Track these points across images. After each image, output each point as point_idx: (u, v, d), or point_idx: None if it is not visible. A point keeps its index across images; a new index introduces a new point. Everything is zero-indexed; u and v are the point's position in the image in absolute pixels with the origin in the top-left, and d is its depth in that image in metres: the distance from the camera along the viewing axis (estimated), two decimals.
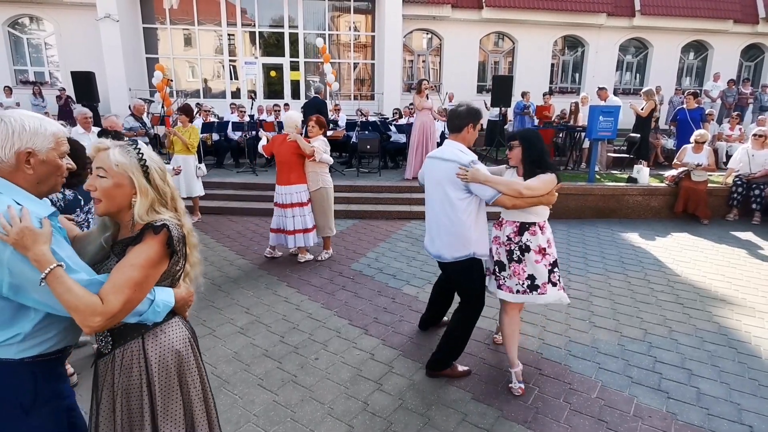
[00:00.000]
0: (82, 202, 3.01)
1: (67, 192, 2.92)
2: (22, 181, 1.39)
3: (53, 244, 1.33)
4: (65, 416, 1.50)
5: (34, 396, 1.39)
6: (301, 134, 5.13)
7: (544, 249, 2.91)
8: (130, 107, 8.40)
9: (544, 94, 11.94)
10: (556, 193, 2.91)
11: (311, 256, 5.30)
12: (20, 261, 1.28)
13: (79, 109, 6.31)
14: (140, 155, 1.49)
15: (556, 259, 3.00)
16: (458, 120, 2.90)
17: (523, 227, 2.90)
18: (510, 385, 3.00)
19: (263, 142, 5.57)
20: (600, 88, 9.27)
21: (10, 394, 1.36)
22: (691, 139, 7.19)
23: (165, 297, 1.52)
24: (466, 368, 3.18)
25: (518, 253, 2.91)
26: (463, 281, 3.02)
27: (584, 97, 10.19)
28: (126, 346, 1.49)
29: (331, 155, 5.33)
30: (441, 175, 2.87)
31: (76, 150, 2.76)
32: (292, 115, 5.25)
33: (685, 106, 9.05)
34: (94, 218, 2.69)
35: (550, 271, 2.94)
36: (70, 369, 3.01)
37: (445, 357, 3.11)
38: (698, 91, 10.32)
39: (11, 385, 1.36)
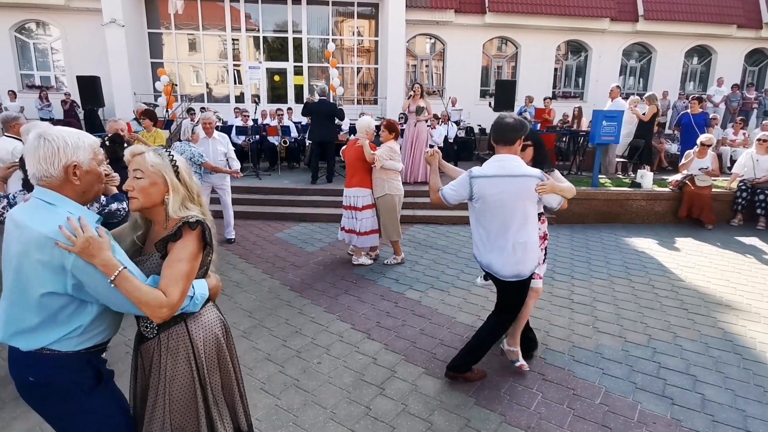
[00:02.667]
0: None
1: None
2: (70, 192, 1.54)
3: (113, 250, 1.50)
4: (116, 394, 1.72)
5: (94, 381, 1.60)
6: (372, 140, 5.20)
7: (543, 239, 3.22)
8: (134, 111, 8.45)
9: (545, 99, 11.94)
10: None
11: (368, 261, 5.33)
12: (85, 266, 1.44)
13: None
14: (171, 157, 1.68)
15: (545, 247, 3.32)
16: (512, 132, 2.83)
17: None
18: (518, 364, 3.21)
19: (394, 164, 5.31)
20: (615, 86, 9.16)
21: (73, 381, 1.55)
22: (698, 142, 7.17)
23: (202, 290, 1.71)
24: (482, 372, 3.19)
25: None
26: (519, 293, 2.99)
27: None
28: (171, 330, 1.67)
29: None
30: (516, 191, 2.77)
31: None
32: (365, 120, 5.25)
33: (689, 110, 9.03)
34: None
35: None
36: None
37: (471, 360, 3.11)
38: (702, 96, 10.26)
39: (74, 374, 1.55)
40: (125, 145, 4.39)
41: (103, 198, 2.92)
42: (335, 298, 4.40)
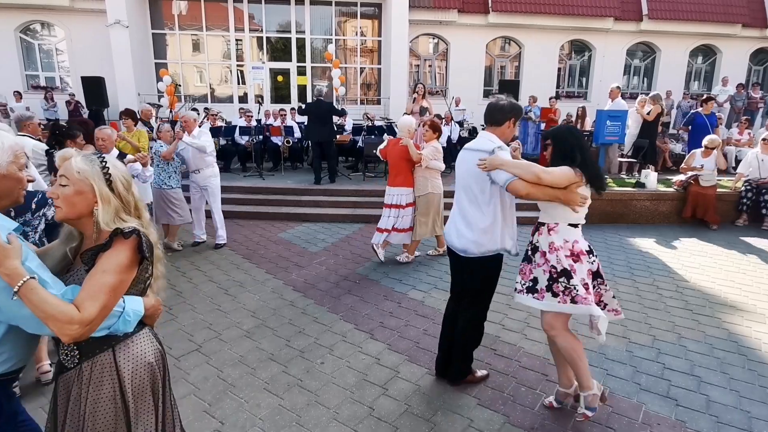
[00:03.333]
0: (13, 213, 2.55)
1: None
2: None
3: (24, 258, 1.33)
4: (15, 428, 1.52)
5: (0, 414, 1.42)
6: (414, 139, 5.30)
7: (545, 252, 2.66)
8: (138, 112, 8.48)
9: (551, 98, 11.92)
10: (580, 195, 2.56)
11: (410, 257, 5.40)
12: None
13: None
14: (103, 164, 1.49)
15: (565, 269, 2.59)
16: (500, 114, 2.78)
17: (538, 226, 2.75)
18: (578, 410, 2.72)
19: (382, 146, 5.61)
20: (615, 87, 9.16)
21: None
22: (703, 144, 7.14)
23: (135, 306, 1.50)
24: (484, 372, 3.16)
25: (530, 251, 2.77)
26: (481, 276, 2.88)
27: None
28: (95, 359, 1.46)
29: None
30: (469, 165, 2.80)
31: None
32: (407, 119, 5.31)
33: (701, 110, 8.99)
34: (33, 229, 2.63)
35: (552, 279, 2.62)
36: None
37: (464, 365, 3.05)
38: (714, 96, 10.25)
39: None
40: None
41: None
42: (338, 298, 4.41)
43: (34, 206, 2.68)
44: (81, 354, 1.46)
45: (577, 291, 2.56)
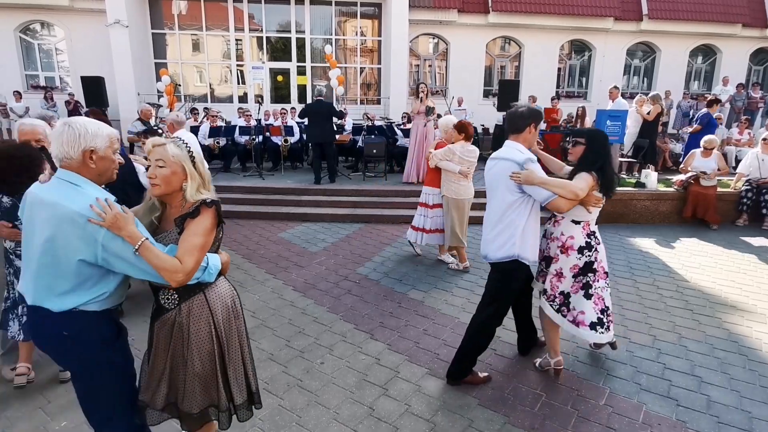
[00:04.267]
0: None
1: (5, 199, 2.77)
2: (87, 174, 1.75)
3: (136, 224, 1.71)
4: (128, 350, 1.96)
5: (115, 335, 1.86)
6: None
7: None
8: (138, 112, 8.48)
9: (552, 98, 11.91)
10: (594, 197, 2.86)
11: (451, 259, 5.32)
12: (114, 238, 1.67)
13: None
14: (188, 148, 1.85)
15: (549, 257, 3.08)
16: (521, 120, 2.85)
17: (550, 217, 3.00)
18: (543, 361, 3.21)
19: (450, 165, 5.16)
20: (612, 88, 9.17)
21: (98, 334, 1.80)
22: (702, 144, 7.14)
23: (215, 261, 1.91)
24: (486, 374, 3.15)
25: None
26: (497, 282, 2.98)
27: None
28: (191, 300, 1.88)
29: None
30: (497, 174, 2.86)
31: (31, 159, 2.68)
32: (447, 118, 5.38)
33: (710, 110, 9.02)
34: None
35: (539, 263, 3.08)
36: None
37: (465, 364, 3.06)
38: (719, 97, 10.33)
39: (98, 328, 1.80)
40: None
41: (6, 199, 2.84)
42: (338, 298, 4.40)
43: None
44: (180, 297, 1.87)
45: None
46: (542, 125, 11.09)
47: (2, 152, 2.63)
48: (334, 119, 8.67)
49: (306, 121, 8.52)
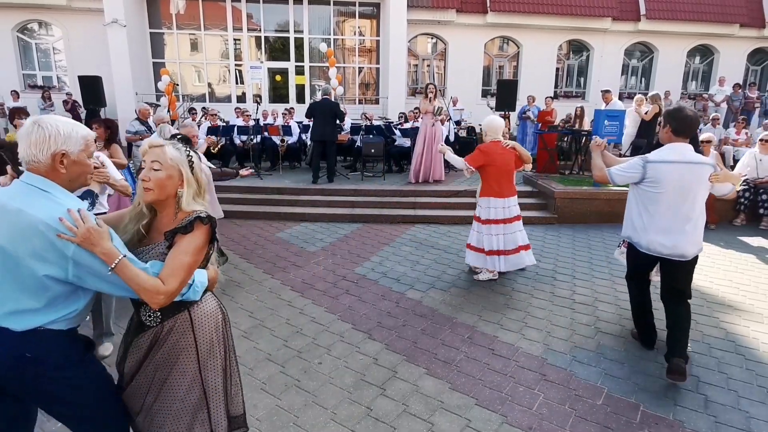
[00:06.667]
0: None
1: None
2: (57, 179, 1.59)
3: (111, 238, 1.56)
4: (100, 366, 1.81)
5: (83, 352, 1.71)
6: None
7: None
8: (136, 111, 8.46)
9: (547, 98, 11.92)
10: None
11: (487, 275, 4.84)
12: (86, 255, 1.51)
13: None
14: (188, 152, 1.76)
15: None
16: (696, 126, 3.19)
17: None
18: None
19: (453, 156, 4.78)
20: (604, 91, 9.21)
21: (66, 355, 1.63)
22: (700, 140, 7.14)
23: (201, 278, 1.78)
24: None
25: None
26: (691, 274, 3.20)
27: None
28: (175, 318, 1.74)
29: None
30: (696, 177, 3.05)
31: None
32: (497, 119, 4.67)
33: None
34: None
35: None
36: None
37: (684, 351, 3.12)
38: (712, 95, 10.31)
39: (67, 348, 1.64)
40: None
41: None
42: (336, 298, 4.40)
43: None
44: (163, 315, 1.74)
45: None
46: (537, 126, 11.18)
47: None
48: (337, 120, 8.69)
49: (306, 120, 8.52)
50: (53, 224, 1.48)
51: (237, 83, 14.81)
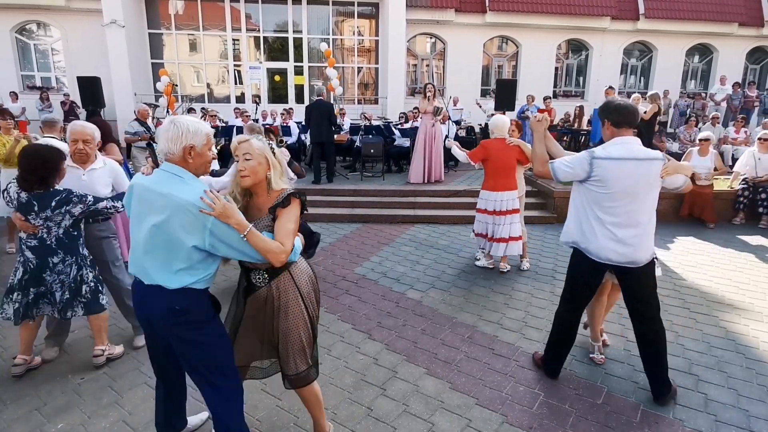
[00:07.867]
0: (36, 207, 2.85)
1: (22, 194, 2.84)
2: (187, 167, 1.97)
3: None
4: (220, 320, 2.16)
5: (214, 310, 2.10)
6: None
7: None
8: (135, 112, 8.45)
9: (545, 98, 11.93)
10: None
11: (508, 267, 5.06)
12: (223, 226, 1.88)
13: None
14: (269, 142, 2.12)
15: None
16: (635, 115, 2.80)
17: None
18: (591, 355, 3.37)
19: (458, 150, 5.13)
20: (609, 87, 9.20)
21: (204, 309, 2.04)
22: (698, 139, 7.16)
23: (297, 244, 2.13)
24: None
25: None
26: (652, 281, 2.85)
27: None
28: (279, 277, 2.15)
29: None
30: (645, 174, 2.69)
31: (45, 161, 2.85)
32: (503, 118, 5.03)
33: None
34: (56, 224, 2.93)
35: None
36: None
37: (666, 374, 2.90)
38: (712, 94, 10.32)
39: (203, 304, 2.04)
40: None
41: (90, 197, 2.95)
42: (336, 299, 4.39)
43: (54, 204, 2.87)
44: (269, 276, 2.14)
45: None
46: None
47: (25, 152, 2.89)
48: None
49: (306, 120, 8.51)
50: (196, 202, 1.84)
51: (236, 83, 14.81)
